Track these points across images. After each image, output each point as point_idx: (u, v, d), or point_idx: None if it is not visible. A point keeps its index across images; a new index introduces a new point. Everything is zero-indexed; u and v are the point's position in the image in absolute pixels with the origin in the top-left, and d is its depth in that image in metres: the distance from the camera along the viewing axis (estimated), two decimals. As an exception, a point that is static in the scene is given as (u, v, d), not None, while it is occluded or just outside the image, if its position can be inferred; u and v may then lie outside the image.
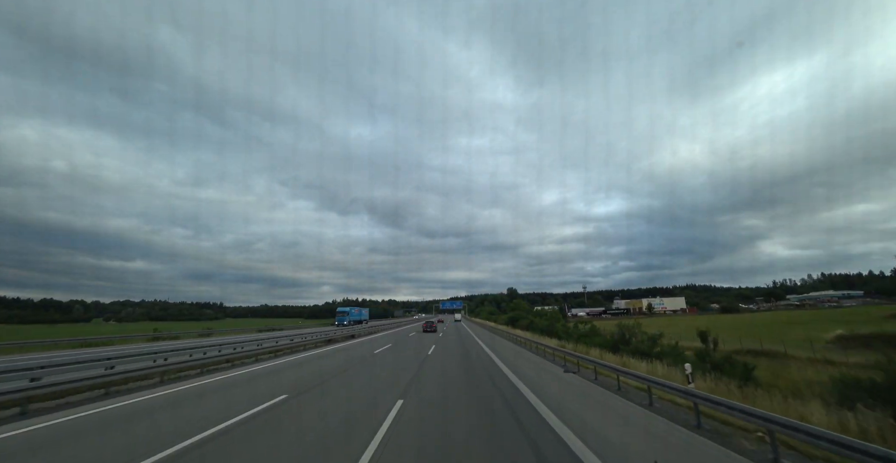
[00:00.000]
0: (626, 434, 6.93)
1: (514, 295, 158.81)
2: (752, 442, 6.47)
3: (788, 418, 5.64)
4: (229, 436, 6.40)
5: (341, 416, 7.70)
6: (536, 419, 7.43)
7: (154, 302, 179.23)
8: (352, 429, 6.77)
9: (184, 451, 5.70)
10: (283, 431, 6.66)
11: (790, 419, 5.58)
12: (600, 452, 5.65)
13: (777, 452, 5.61)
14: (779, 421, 5.56)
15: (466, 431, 6.71)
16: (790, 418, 5.69)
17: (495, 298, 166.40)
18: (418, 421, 7.29)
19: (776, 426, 5.55)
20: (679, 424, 7.45)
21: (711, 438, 6.59)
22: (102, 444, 6.18)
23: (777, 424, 5.55)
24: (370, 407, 8.46)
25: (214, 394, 10.11)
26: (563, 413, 7.87)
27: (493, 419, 7.43)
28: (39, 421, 7.49)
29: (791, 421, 5.46)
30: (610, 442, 6.22)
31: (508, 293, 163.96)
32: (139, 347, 23.46)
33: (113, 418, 7.70)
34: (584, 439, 6.20)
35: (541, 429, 6.80)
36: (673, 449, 6.12)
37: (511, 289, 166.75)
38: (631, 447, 6.12)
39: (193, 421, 7.28)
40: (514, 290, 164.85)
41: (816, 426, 5.45)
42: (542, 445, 5.96)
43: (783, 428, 5.45)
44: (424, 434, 6.49)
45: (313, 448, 5.87)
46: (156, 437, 6.35)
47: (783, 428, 5.45)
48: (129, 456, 5.52)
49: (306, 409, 8.45)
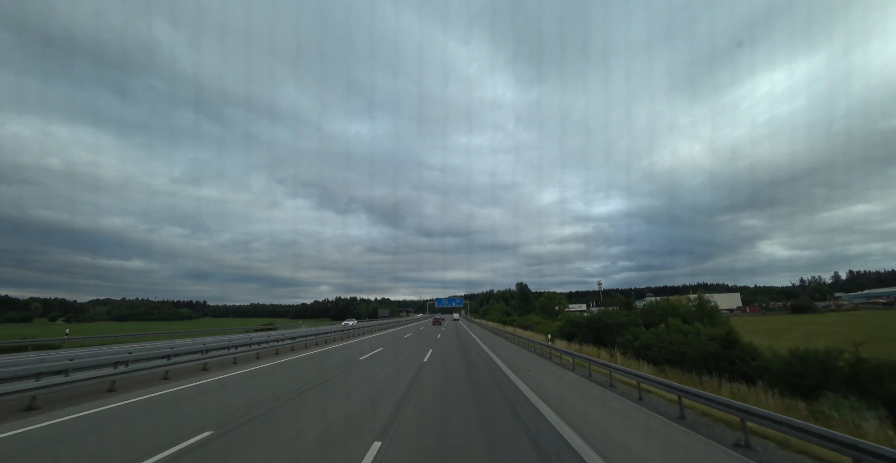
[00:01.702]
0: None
1: (525, 290, 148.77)
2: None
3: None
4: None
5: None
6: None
7: (121, 301, 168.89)
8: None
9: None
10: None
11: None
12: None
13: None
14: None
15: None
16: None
17: (502, 295, 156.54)
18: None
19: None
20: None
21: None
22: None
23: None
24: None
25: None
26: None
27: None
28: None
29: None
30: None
31: (518, 289, 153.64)
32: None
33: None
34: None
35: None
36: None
37: (521, 283, 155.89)
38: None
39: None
40: (524, 285, 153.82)
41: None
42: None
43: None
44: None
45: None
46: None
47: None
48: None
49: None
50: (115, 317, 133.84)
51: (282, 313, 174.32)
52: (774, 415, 6.59)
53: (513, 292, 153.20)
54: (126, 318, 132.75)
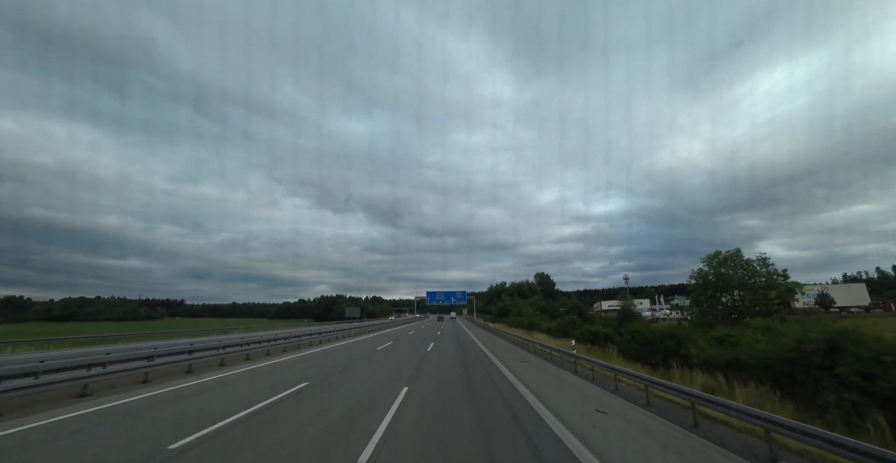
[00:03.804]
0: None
1: (546, 281, 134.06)
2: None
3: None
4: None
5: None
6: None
7: (69, 299, 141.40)
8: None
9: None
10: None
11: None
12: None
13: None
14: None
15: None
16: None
17: (518, 289, 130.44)
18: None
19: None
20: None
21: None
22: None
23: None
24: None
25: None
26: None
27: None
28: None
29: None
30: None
31: (538, 281, 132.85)
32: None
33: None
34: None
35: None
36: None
37: (542, 274, 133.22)
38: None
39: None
40: (547, 276, 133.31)
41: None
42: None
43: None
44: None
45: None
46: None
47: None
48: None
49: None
50: (52, 317, 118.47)
51: (262, 313, 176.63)
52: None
53: (531, 286, 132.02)
54: (68, 318, 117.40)
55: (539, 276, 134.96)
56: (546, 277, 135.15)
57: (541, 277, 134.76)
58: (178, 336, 36.27)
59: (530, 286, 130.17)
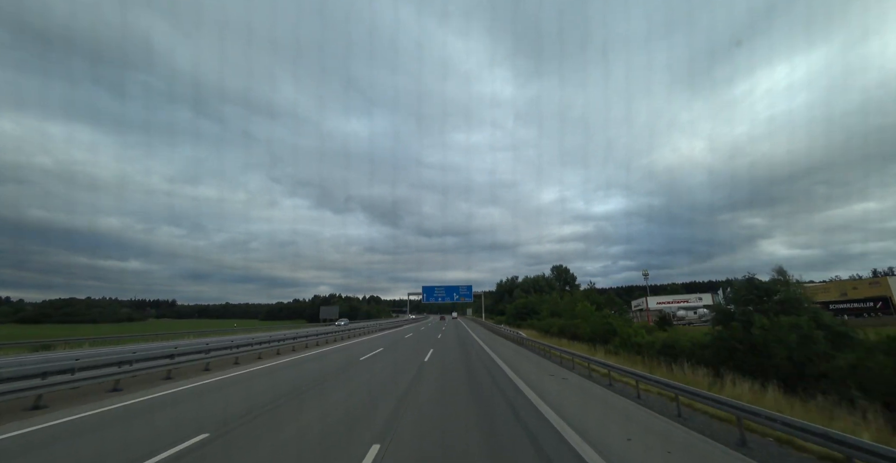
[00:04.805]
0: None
1: (565, 275, 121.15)
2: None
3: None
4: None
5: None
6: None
7: (48, 301, 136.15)
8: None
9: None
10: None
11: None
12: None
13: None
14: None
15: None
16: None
17: (533, 284, 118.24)
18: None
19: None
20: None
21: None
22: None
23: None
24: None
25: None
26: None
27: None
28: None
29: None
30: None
31: (555, 275, 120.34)
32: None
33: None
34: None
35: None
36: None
37: (560, 267, 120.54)
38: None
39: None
40: (566, 268, 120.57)
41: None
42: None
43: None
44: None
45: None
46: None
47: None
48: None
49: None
50: (21, 319, 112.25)
51: (255, 313, 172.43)
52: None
53: (549, 280, 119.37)
54: (40, 320, 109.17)
55: (557, 269, 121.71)
56: (565, 270, 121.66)
57: (559, 270, 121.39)
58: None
59: (547, 281, 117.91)
